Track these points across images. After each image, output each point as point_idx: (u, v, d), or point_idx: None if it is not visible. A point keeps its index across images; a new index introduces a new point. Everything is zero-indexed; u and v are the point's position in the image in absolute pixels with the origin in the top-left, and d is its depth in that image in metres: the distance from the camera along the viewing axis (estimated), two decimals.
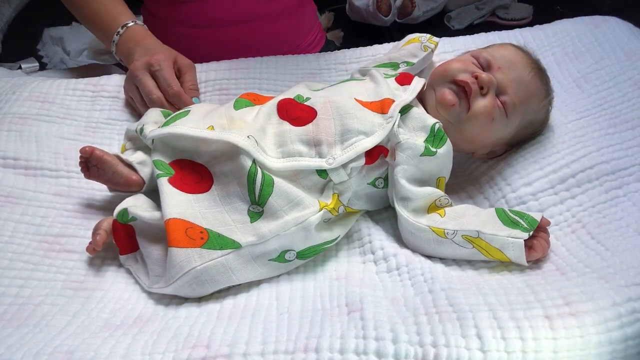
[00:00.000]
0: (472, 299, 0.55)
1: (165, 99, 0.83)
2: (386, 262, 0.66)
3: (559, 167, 0.73)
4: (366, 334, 0.52)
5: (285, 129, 0.69)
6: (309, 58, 0.99)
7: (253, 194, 0.64)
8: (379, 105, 0.71)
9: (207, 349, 0.52)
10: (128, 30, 0.90)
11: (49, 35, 1.77)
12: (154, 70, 0.84)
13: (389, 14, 1.79)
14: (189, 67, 0.89)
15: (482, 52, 0.77)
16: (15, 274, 0.63)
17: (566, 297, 0.53)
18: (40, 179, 0.76)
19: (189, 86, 0.87)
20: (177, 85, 0.84)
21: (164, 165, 0.68)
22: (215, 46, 1.04)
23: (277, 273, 0.66)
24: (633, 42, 0.89)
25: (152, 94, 0.83)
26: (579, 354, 0.50)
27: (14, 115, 0.83)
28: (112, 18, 0.91)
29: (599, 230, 0.66)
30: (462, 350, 0.50)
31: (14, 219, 0.69)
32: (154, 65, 0.84)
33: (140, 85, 0.84)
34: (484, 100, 0.72)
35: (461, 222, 0.66)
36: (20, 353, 0.52)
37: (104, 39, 0.93)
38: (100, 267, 0.68)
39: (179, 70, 0.87)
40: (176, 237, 0.61)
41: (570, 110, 0.82)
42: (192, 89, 0.87)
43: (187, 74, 0.88)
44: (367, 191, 0.72)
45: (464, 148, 0.77)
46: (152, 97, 0.82)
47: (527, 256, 0.62)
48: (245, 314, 0.58)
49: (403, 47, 0.90)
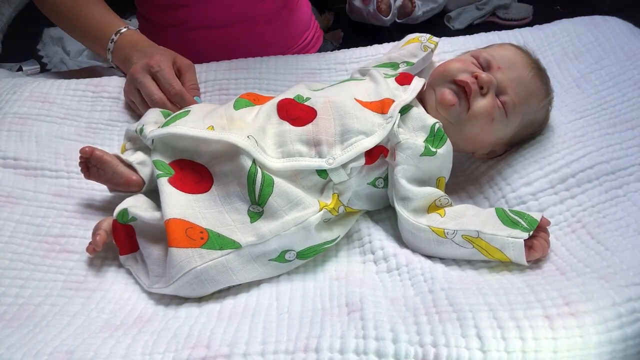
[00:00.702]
0: (472, 299, 0.55)
1: (167, 99, 0.83)
2: (386, 262, 0.66)
3: (559, 167, 0.73)
4: (366, 334, 0.52)
5: (285, 129, 0.69)
6: (309, 58, 0.99)
7: (253, 194, 0.64)
8: (378, 105, 0.71)
9: (207, 349, 0.52)
10: (122, 37, 0.90)
11: (49, 35, 1.77)
12: (154, 72, 0.84)
13: (389, 14, 1.79)
14: (188, 66, 0.89)
15: (482, 52, 0.77)
16: (15, 274, 0.63)
17: (566, 297, 0.54)
18: (40, 179, 0.76)
19: (189, 85, 0.87)
20: (179, 85, 0.84)
21: (163, 166, 0.68)
22: (212, 48, 1.04)
23: (277, 273, 0.66)
24: (633, 42, 0.89)
25: (153, 95, 0.82)
26: (578, 353, 0.50)
27: (14, 115, 0.83)
28: (104, 27, 0.91)
29: (599, 230, 0.66)
30: (462, 350, 0.50)
31: (14, 219, 0.69)
32: (153, 67, 0.84)
33: (141, 87, 0.84)
34: (484, 100, 0.72)
35: (461, 222, 0.66)
36: (20, 353, 0.52)
37: (99, 49, 0.93)
38: (100, 267, 0.68)
39: (178, 70, 0.87)
40: (176, 237, 0.61)
41: (570, 110, 0.82)
42: (193, 88, 0.87)
43: (187, 73, 0.88)
44: (367, 191, 0.72)
45: (464, 148, 0.77)
46: (154, 98, 0.82)
47: (527, 256, 0.62)
48: (245, 314, 0.58)
49: (403, 47, 0.90)
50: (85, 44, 0.99)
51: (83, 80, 0.92)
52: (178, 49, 0.90)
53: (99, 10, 0.93)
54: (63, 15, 0.94)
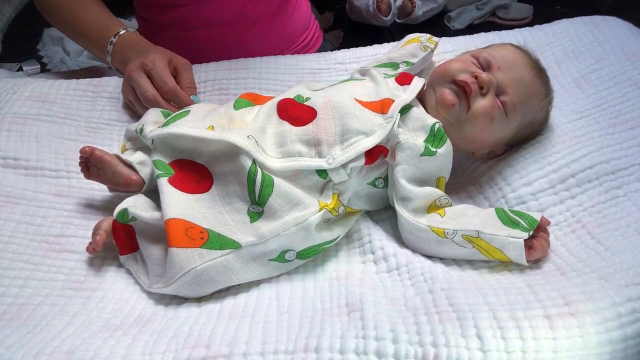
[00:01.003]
0: (472, 299, 0.55)
1: (161, 97, 0.83)
2: (386, 262, 0.66)
3: (558, 167, 0.73)
4: (366, 334, 0.52)
5: (285, 129, 0.69)
6: (309, 58, 0.99)
7: (253, 194, 0.64)
8: (378, 105, 0.71)
9: (207, 349, 0.52)
10: (120, 38, 0.90)
11: (49, 36, 1.77)
12: (148, 69, 0.84)
13: (389, 14, 1.79)
14: (185, 65, 0.89)
15: (482, 52, 0.77)
16: (15, 274, 0.63)
17: (566, 297, 0.54)
18: (40, 179, 0.76)
19: (186, 84, 0.86)
20: (172, 82, 0.83)
21: (163, 165, 0.68)
22: (211, 48, 1.04)
23: (277, 273, 0.66)
24: (633, 42, 0.89)
25: (147, 92, 0.82)
26: (578, 353, 0.50)
27: (15, 115, 0.83)
28: (103, 30, 0.92)
29: (599, 230, 0.66)
30: (462, 350, 0.50)
31: (14, 219, 0.69)
32: (148, 65, 0.84)
33: (135, 85, 0.84)
34: (484, 100, 0.72)
35: (461, 222, 0.66)
36: (20, 353, 0.52)
37: (99, 52, 0.93)
38: (100, 267, 0.68)
39: (175, 69, 0.87)
40: (176, 237, 0.61)
41: (570, 110, 0.82)
42: (189, 87, 0.87)
43: (184, 72, 0.88)
44: (367, 191, 0.72)
45: (464, 148, 0.77)
46: (147, 95, 0.82)
47: (527, 256, 0.62)
48: (245, 314, 0.58)
49: (403, 47, 0.90)
50: (88, 49, 1.00)
51: (83, 80, 0.92)
52: (178, 49, 0.90)
53: (98, 15, 0.93)
54: (65, 22, 0.95)
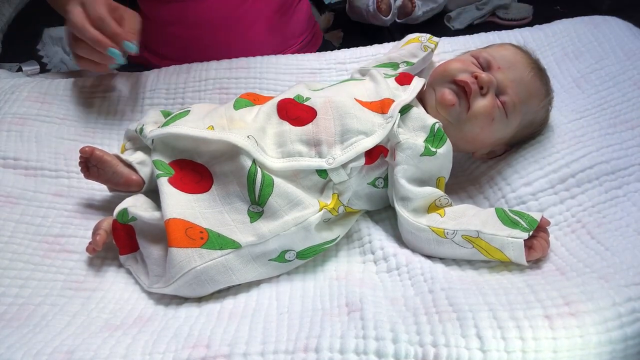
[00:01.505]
0: (472, 298, 0.55)
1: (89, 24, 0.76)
2: (386, 262, 0.66)
3: (558, 167, 0.73)
4: (366, 334, 0.52)
5: (285, 129, 0.69)
6: (309, 58, 0.99)
7: (253, 194, 0.64)
8: (378, 105, 0.71)
9: (207, 349, 0.52)
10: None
11: (49, 36, 1.77)
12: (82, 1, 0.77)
13: (389, 14, 1.79)
14: (132, 15, 0.83)
15: (482, 52, 0.77)
16: (15, 274, 0.63)
17: (566, 297, 0.53)
18: (40, 179, 0.76)
19: (128, 30, 0.80)
20: (103, 11, 0.77)
21: (163, 165, 0.68)
22: (211, 47, 1.04)
23: (277, 273, 0.66)
24: (633, 42, 0.89)
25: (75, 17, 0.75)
26: (578, 353, 0.50)
27: (14, 115, 0.83)
28: None
29: (599, 230, 0.66)
30: (462, 350, 0.50)
31: (14, 219, 0.69)
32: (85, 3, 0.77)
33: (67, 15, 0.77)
34: (484, 100, 0.72)
35: (461, 222, 0.66)
36: (20, 353, 0.52)
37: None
38: (100, 267, 0.68)
39: (121, 17, 0.81)
40: (176, 237, 0.61)
41: (570, 110, 0.82)
42: (130, 32, 0.80)
43: (129, 20, 0.82)
44: (367, 191, 0.72)
45: (464, 148, 0.77)
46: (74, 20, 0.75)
47: (527, 256, 0.62)
48: (245, 314, 0.58)
49: (403, 47, 0.90)
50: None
51: (83, 80, 0.92)
52: (178, 47, 0.90)
53: None
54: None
